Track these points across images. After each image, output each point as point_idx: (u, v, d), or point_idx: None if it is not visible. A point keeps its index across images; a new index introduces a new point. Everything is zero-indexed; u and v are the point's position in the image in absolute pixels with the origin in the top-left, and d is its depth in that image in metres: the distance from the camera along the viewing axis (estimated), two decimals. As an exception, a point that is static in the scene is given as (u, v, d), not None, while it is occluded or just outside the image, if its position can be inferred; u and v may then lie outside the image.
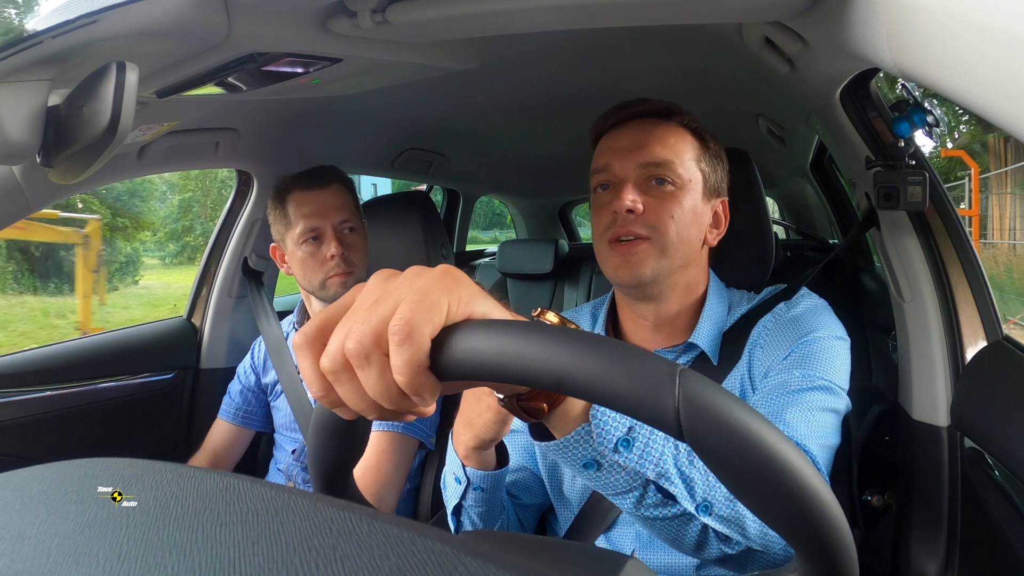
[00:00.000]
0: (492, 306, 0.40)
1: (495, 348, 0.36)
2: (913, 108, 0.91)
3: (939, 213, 1.01)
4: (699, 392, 0.33)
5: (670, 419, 0.33)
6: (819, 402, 0.76)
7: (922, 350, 1.04)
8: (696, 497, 0.61)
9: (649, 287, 0.88)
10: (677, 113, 0.90)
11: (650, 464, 0.58)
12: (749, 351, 0.86)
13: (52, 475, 0.31)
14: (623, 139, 0.89)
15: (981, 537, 0.93)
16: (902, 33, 0.54)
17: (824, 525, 0.35)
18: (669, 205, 0.85)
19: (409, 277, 0.39)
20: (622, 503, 0.61)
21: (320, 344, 0.39)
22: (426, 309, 0.36)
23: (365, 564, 0.22)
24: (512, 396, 0.49)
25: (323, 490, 0.51)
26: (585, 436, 0.54)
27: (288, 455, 1.40)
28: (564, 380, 0.35)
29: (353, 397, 0.38)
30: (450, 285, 0.38)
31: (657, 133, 0.88)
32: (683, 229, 0.85)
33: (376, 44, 0.92)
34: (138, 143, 1.19)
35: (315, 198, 1.31)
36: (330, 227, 1.30)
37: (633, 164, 0.86)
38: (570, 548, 0.67)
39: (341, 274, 1.30)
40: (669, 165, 0.86)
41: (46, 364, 1.44)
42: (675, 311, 0.91)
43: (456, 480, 0.80)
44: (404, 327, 0.35)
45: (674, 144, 0.87)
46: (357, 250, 1.33)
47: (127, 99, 0.68)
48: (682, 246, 0.86)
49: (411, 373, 0.36)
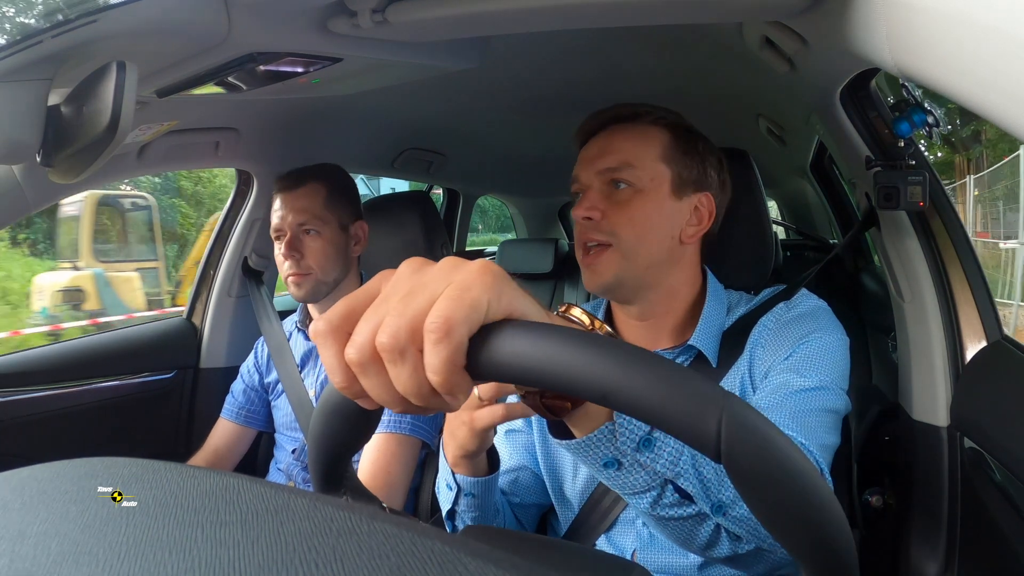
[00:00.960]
0: (531, 306, 0.38)
1: (539, 354, 0.34)
2: (913, 108, 0.91)
3: (939, 213, 1.01)
4: (743, 418, 0.34)
5: (710, 442, 0.33)
6: (819, 403, 0.76)
7: (922, 350, 1.04)
8: (711, 498, 0.61)
9: (618, 292, 0.88)
10: (647, 113, 0.90)
11: (670, 464, 0.58)
12: (749, 351, 0.86)
13: (52, 474, 0.31)
14: (590, 148, 0.90)
15: (981, 537, 0.93)
16: (902, 33, 0.54)
17: (835, 552, 0.36)
18: (628, 208, 0.85)
19: (445, 269, 0.37)
20: (639, 502, 0.61)
21: (345, 333, 0.36)
22: (466, 306, 0.34)
23: (365, 564, 0.22)
24: (534, 392, 0.49)
25: (323, 477, 0.50)
26: (608, 435, 0.53)
27: (288, 454, 1.40)
28: (609, 394, 0.34)
29: (380, 390, 0.36)
30: (490, 282, 0.36)
31: (619, 137, 0.88)
32: (645, 231, 0.85)
33: (376, 44, 0.92)
34: (138, 142, 1.19)
35: (284, 199, 1.33)
36: (289, 229, 1.32)
37: (594, 171, 0.88)
38: (576, 551, 0.67)
39: (293, 275, 1.31)
40: (626, 167, 0.86)
41: (46, 363, 1.44)
42: (662, 312, 0.90)
43: (448, 487, 0.81)
44: (443, 324, 0.33)
45: (634, 145, 0.87)
46: (314, 253, 1.31)
47: (127, 98, 0.68)
48: (646, 247, 0.85)
49: (447, 372, 0.34)
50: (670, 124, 0.90)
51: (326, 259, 1.33)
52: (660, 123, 0.90)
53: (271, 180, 1.52)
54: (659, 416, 0.34)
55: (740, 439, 0.33)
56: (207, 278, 1.70)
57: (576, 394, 0.35)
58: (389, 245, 1.53)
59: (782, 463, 0.34)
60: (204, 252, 1.73)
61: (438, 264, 0.38)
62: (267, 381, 1.47)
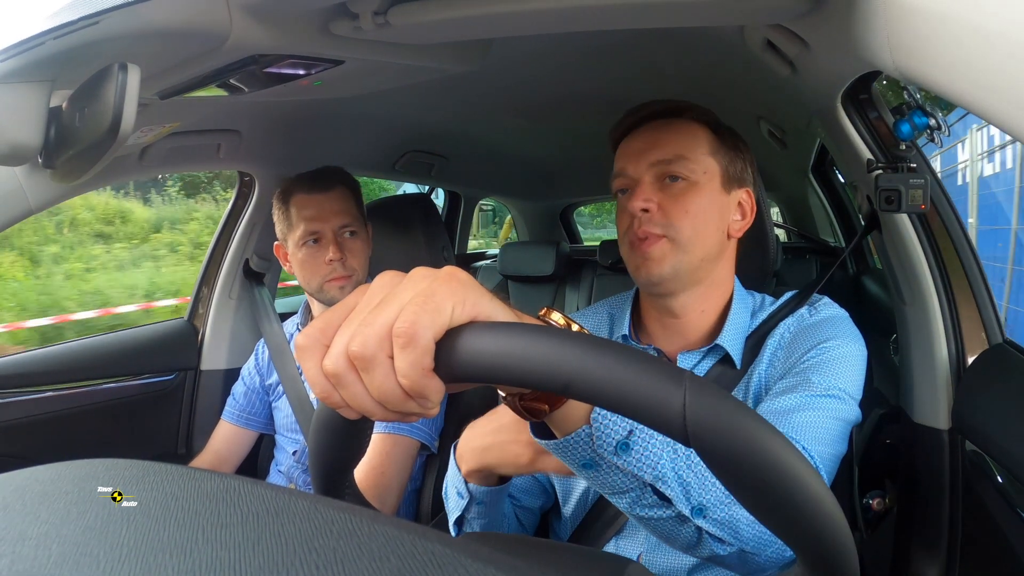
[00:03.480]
0: (497, 308, 0.40)
1: (499, 350, 0.36)
2: (915, 111, 0.91)
3: (940, 216, 1.01)
4: (706, 398, 0.33)
5: (677, 425, 0.33)
6: (830, 410, 0.76)
7: (923, 353, 1.04)
8: (691, 500, 0.61)
9: (670, 283, 0.88)
10: (688, 110, 0.91)
11: (647, 467, 0.59)
12: (767, 354, 0.86)
13: (53, 476, 0.31)
14: (636, 142, 0.90)
15: (982, 540, 0.92)
16: (903, 36, 0.54)
17: (826, 532, 0.35)
18: (684, 200, 0.85)
19: (414, 279, 0.39)
20: (618, 502, 0.61)
21: (323, 345, 0.38)
22: (430, 311, 0.36)
23: (365, 566, 0.22)
24: (515, 395, 0.50)
25: (323, 491, 0.51)
26: (585, 438, 0.54)
27: (289, 456, 1.40)
28: (571, 384, 0.34)
29: (357, 399, 0.38)
30: (455, 287, 0.38)
31: (667, 131, 0.89)
32: (700, 223, 0.86)
33: (378, 46, 0.92)
34: (140, 144, 1.19)
35: (317, 201, 1.31)
36: (330, 231, 1.30)
37: (645, 164, 0.87)
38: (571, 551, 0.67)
39: (339, 278, 1.31)
40: (680, 160, 0.86)
41: (47, 365, 1.44)
42: (699, 309, 0.91)
43: (458, 495, 0.81)
44: (408, 330, 0.35)
45: (685, 139, 0.88)
46: (357, 255, 1.33)
47: (129, 100, 0.68)
48: (701, 240, 0.86)
49: (415, 376, 0.36)
50: (710, 122, 0.91)
51: (365, 259, 1.35)
52: (698, 119, 0.91)
53: (272, 182, 1.53)
54: (622, 402, 0.34)
55: (706, 420, 0.33)
56: (208, 280, 1.70)
57: (539, 387, 0.36)
58: (391, 247, 1.53)
59: (751, 440, 0.33)
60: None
61: (408, 275, 0.40)
62: (268, 383, 1.47)
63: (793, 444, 0.35)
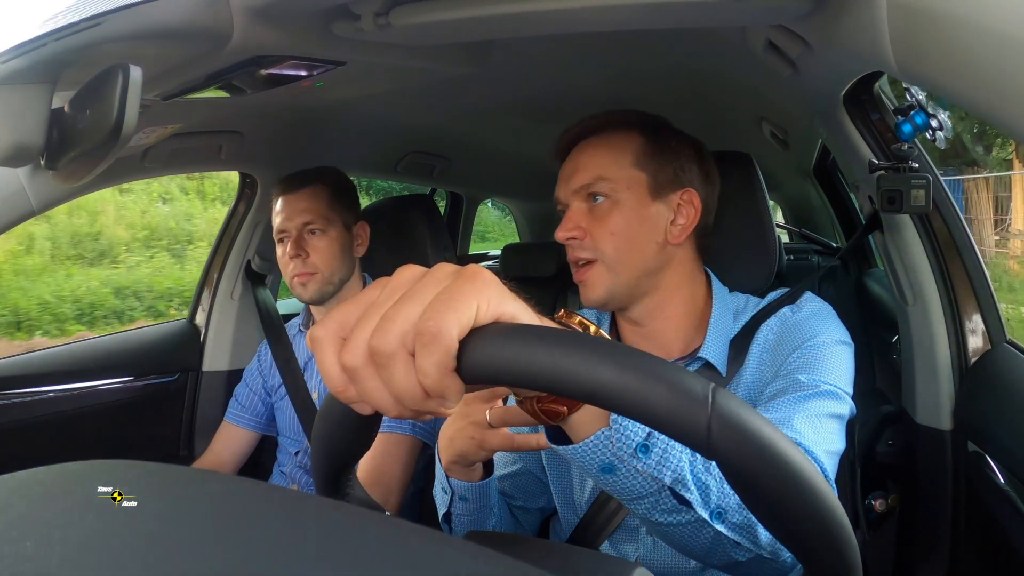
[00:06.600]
0: (521, 308, 0.39)
1: (526, 354, 0.35)
2: (917, 111, 0.91)
3: (942, 216, 1.01)
4: (732, 412, 0.33)
5: (700, 437, 0.33)
6: (825, 408, 0.75)
7: (926, 353, 1.04)
8: (710, 504, 0.60)
9: (612, 303, 0.88)
10: (614, 121, 0.90)
11: (667, 470, 0.58)
12: (753, 355, 0.86)
13: (54, 477, 0.31)
14: (567, 165, 0.91)
15: (984, 541, 0.92)
16: (905, 36, 0.54)
17: (836, 548, 0.35)
18: (608, 221, 0.85)
19: (437, 276, 0.38)
20: (635, 507, 0.60)
21: (340, 338, 0.37)
22: (455, 310, 0.35)
23: (367, 566, 0.22)
24: (531, 398, 0.49)
25: (326, 485, 0.50)
26: (604, 441, 0.54)
27: (291, 457, 1.40)
28: (596, 392, 0.34)
29: (374, 395, 0.37)
30: (479, 286, 0.37)
31: (591, 151, 0.89)
32: (626, 241, 0.85)
33: (379, 47, 0.92)
34: (142, 145, 1.19)
35: (286, 201, 1.34)
36: (295, 229, 1.32)
37: (570, 190, 0.88)
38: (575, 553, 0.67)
39: (300, 275, 1.32)
40: (600, 182, 0.86)
41: (49, 366, 1.44)
42: (664, 316, 0.90)
43: (443, 490, 0.81)
44: (432, 327, 0.34)
45: (605, 158, 0.87)
46: (321, 252, 1.33)
47: (131, 102, 0.68)
48: (631, 257, 0.86)
49: (437, 375, 0.35)
50: (639, 126, 0.90)
51: (332, 258, 1.34)
52: (629, 128, 0.89)
53: (274, 183, 1.53)
54: (648, 414, 0.34)
55: (730, 434, 0.33)
56: (210, 281, 1.71)
57: (563, 394, 0.35)
58: (392, 248, 1.53)
59: (774, 457, 0.33)
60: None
61: (431, 271, 0.39)
62: (270, 384, 1.47)
63: (810, 459, 0.35)
